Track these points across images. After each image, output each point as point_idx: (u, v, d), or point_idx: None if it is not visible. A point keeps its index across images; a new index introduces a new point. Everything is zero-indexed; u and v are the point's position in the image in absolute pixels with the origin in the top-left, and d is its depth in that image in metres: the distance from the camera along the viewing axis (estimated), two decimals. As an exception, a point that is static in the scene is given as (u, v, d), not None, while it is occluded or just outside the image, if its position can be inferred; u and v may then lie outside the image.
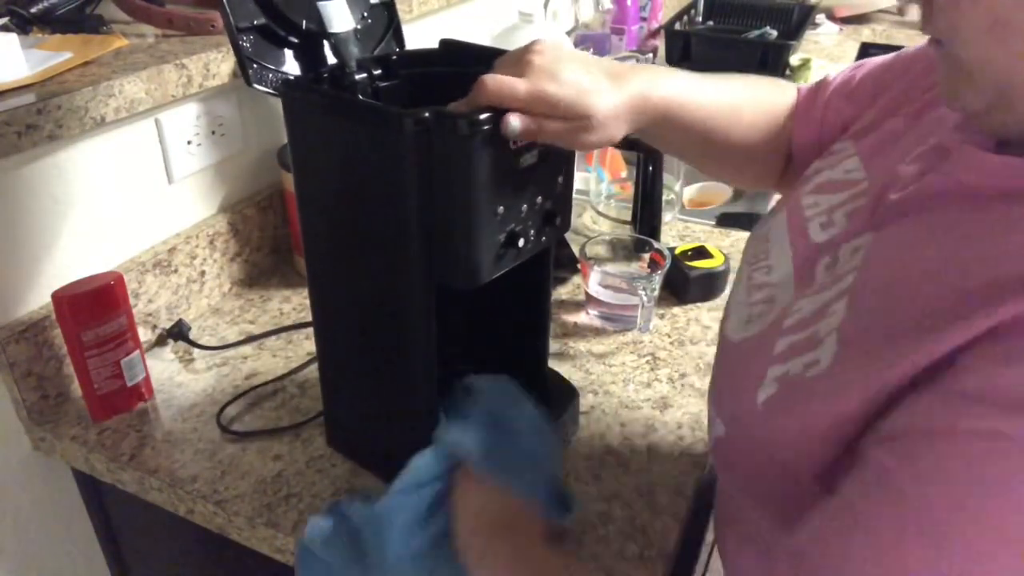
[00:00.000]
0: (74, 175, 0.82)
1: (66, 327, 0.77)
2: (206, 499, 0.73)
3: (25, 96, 0.74)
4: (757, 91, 0.73)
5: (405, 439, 0.67)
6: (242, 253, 1.04)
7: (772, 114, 0.71)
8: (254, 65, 0.62)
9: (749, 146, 0.71)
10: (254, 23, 0.61)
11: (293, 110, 0.62)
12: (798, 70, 1.83)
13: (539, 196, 0.61)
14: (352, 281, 0.67)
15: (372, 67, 0.65)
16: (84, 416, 0.82)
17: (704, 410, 0.84)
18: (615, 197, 1.25)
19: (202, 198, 0.99)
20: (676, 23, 1.99)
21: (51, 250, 0.82)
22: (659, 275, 0.94)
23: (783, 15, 2.06)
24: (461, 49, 0.68)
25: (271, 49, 0.63)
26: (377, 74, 0.66)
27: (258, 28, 0.62)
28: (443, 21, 1.41)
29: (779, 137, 0.71)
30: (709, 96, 0.68)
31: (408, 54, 0.70)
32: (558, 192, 0.64)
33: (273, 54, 0.63)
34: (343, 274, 0.67)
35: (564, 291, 1.05)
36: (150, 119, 0.89)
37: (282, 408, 0.84)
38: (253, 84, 0.62)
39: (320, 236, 0.67)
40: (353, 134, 0.58)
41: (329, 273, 0.68)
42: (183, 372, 0.90)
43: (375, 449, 0.75)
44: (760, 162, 0.73)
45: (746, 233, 1.18)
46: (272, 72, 0.63)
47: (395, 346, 0.67)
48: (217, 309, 1.01)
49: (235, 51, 0.61)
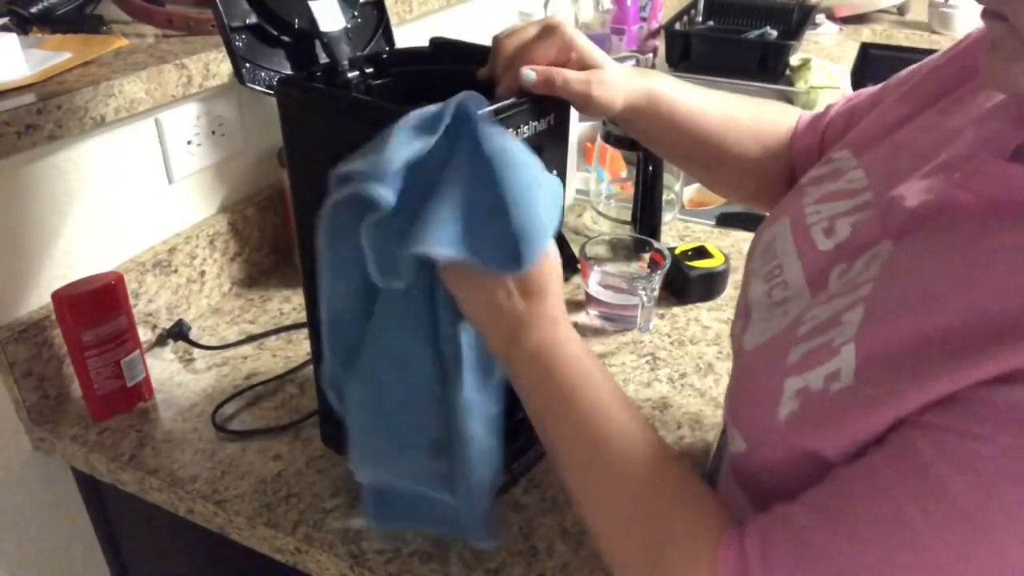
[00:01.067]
0: (74, 175, 0.82)
1: (66, 327, 0.77)
2: (206, 499, 0.73)
3: (25, 96, 0.74)
4: (759, 109, 0.74)
5: None
6: (242, 253, 1.04)
7: (772, 131, 0.72)
8: (247, 64, 0.62)
9: (747, 159, 0.71)
10: (247, 22, 0.62)
11: (288, 108, 0.62)
12: (798, 70, 1.83)
13: None
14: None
15: (364, 66, 0.66)
16: (84, 416, 0.82)
17: (704, 410, 0.84)
18: (615, 197, 1.25)
19: (202, 198, 0.99)
20: (676, 23, 1.99)
21: (51, 250, 0.82)
22: (659, 275, 0.94)
23: (783, 15, 2.06)
24: (451, 47, 0.69)
25: (263, 48, 0.63)
26: (369, 72, 0.66)
27: (250, 27, 0.62)
28: (443, 21, 1.41)
29: (779, 155, 0.71)
30: (704, 100, 0.69)
31: (398, 52, 0.70)
32: None
33: (265, 53, 0.63)
34: None
35: (564, 291, 1.05)
36: (150, 119, 0.89)
37: (281, 408, 0.83)
38: (247, 83, 0.62)
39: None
40: (350, 131, 0.58)
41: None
42: (183, 372, 0.90)
43: None
44: (759, 177, 0.73)
45: (746, 233, 1.18)
46: (265, 71, 0.63)
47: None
48: (217, 309, 1.01)
49: (228, 50, 0.61)
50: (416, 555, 0.67)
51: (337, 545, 0.68)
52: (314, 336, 0.73)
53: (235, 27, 0.61)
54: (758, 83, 1.82)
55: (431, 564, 0.66)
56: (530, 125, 0.60)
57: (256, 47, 0.63)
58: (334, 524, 0.70)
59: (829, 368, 0.44)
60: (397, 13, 1.22)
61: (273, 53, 0.64)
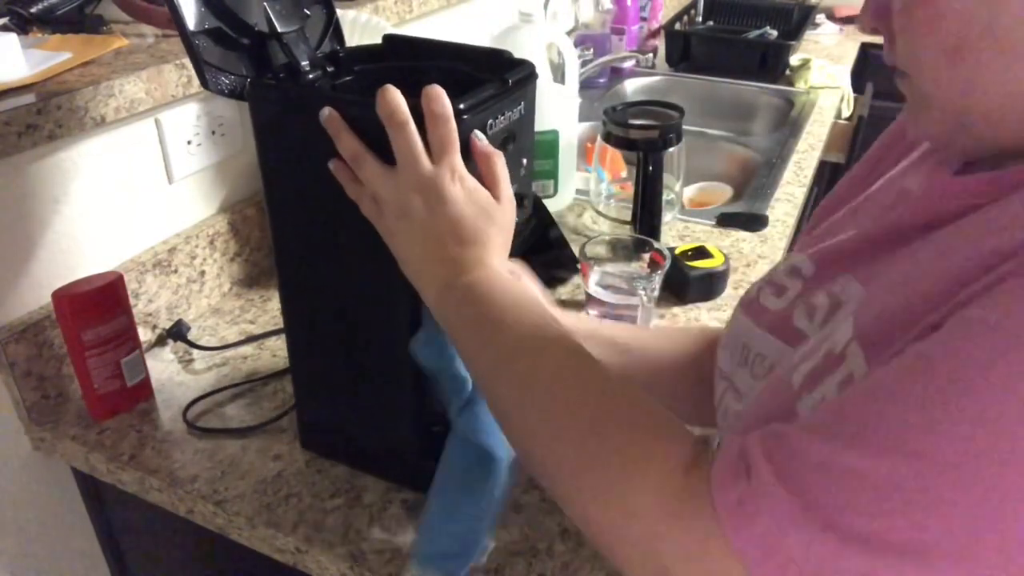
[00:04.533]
0: (74, 175, 0.82)
1: (66, 327, 0.77)
2: (206, 499, 0.73)
3: (25, 96, 0.74)
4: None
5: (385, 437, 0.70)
6: (242, 253, 1.04)
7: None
8: (210, 68, 0.61)
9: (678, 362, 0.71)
10: (206, 27, 0.60)
11: (261, 111, 0.61)
12: (798, 70, 1.83)
13: None
14: (330, 280, 0.67)
15: (324, 65, 0.65)
16: (84, 416, 0.82)
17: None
18: (615, 197, 1.25)
19: (202, 198, 0.99)
20: (676, 23, 2.00)
21: (51, 250, 0.82)
22: (659, 275, 0.94)
23: (783, 15, 2.06)
24: (405, 43, 0.69)
25: (223, 53, 0.62)
26: (331, 71, 0.66)
27: (209, 31, 0.61)
28: (443, 21, 1.41)
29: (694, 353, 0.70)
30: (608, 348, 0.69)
31: (355, 51, 0.70)
32: (523, 176, 0.66)
33: (225, 58, 0.62)
34: (320, 274, 0.67)
35: (564, 291, 1.05)
36: (150, 119, 0.89)
37: (283, 406, 0.84)
38: (210, 88, 0.61)
39: (295, 238, 0.67)
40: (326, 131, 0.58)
41: (305, 274, 0.68)
42: (183, 372, 0.90)
43: (355, 447, 0.76)
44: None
45: (746, 233, 1.18)
46: (226, 75, 0.62)
47: (372, 341, 0.68)
48: (217, 309, 1.01)
49: (190, 55, 0.60)
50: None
51: (337, 545, 0.68)
52: (290, 339, 0.74)
53: (195, 31, 0.60)
54: (758, 83, 1.82)
55: (431, 564, 0.66)
56: (505, 115, 0.61)
57: (215, 51, 0.61)
58: (334, 524, 0.70)
59: (840, 375, 0.43)
60: (397, 13, 1.22)
61: (231, 57, 0.63)
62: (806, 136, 1.56)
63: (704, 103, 1.80)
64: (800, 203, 1.30)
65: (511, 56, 0.65)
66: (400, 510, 0.71)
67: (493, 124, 0.60)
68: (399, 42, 0.70)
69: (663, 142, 1.07)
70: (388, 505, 0.72)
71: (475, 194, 0.56)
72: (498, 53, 0.66)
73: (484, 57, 0.66)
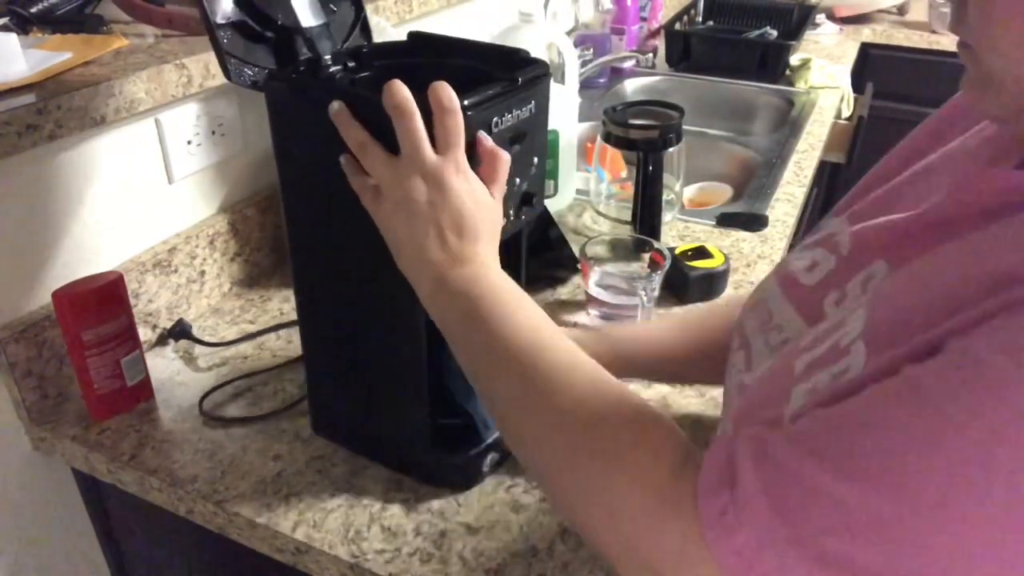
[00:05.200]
0: (74, 175, 0.82)
1: (66, 327, 0.77)
2: (206, 499, 0.73)
3: (25, 96, 0.74)
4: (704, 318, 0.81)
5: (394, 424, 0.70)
6: (242, 253, 1.04)
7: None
8: (233, 60, 0.62)
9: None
10: (231, 19, 0.62)
11: (278, 103, 0.62)
12: (798, 70, 1.83)
13: (517, 178, 0.64)
14: (341, 270, 0.68)
15: (346, 60, 0.66)
16: (84, 416, 0.82)
17: (704, 411, 0.84)
18: (615, 197, 1.25)
19: (202, 198, 0.99)
20: (676, 23, 2.00)
21: (51, 250, 0.82)
22: (659, 275, 0.94)
23: (783, 15, 2.06)
24: (429, 40, 0.70)
25: (247, 45, 0.63)
26: (352, 66, 0.66)
27: (234, 24, 0.62)
28: (443, 21, 1.41)
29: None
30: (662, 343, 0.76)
31: (378, 47, 0.71)
32: (533, 175, 0.67)
33: (249, 50, 0.64)
34: (332, 264, 0.68)
35: (564, 291, 1.05)
36: (150, 119, 0.89)
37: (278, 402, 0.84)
38: (233, 79, 0.62)
39: (309, 230, 0.67)
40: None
41: (317, 264, 0.69)
42: (183, 372, 0.90)
43: (364, 435, 0.76)
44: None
45: (746, 233, 1.18)
46: (249, 67, 0.63)
47: (385, 334, 0.68)
48: (217, 309, 1.01)
49: (215, 47, 0.61)
50: (416, 555, 0.67)
51: (337, 545, 0.68)
52: (303, 326, 0.74)
53: (220, 24, 0.61)
54: (758, 83, 1.82)
55: (431, 564, 0.66)
56: (513, 114, 0.61)
57: (240, 44, 0.63)
58: (334, 524, 0.70)
59: (838, 367, 0.43)
60: (397, 13, 1.22)
61: (256, 49, 0.64)
62: (806, 136, 1.56)
63: (704, 103, 1.80)
64: (800, 203, 1.30)
65: (527, 55, 0.66)
66: (400, 510, 0.71)
67: (499, 122, 0.60)
68: (423, 39, 0.70)
69: (663, 142, 1.07)
70: (388, 505, 0.72)
71: (477, 190, 0.56)
72: (515, 52, 0.66)
73: (502, 56, 0.67)
